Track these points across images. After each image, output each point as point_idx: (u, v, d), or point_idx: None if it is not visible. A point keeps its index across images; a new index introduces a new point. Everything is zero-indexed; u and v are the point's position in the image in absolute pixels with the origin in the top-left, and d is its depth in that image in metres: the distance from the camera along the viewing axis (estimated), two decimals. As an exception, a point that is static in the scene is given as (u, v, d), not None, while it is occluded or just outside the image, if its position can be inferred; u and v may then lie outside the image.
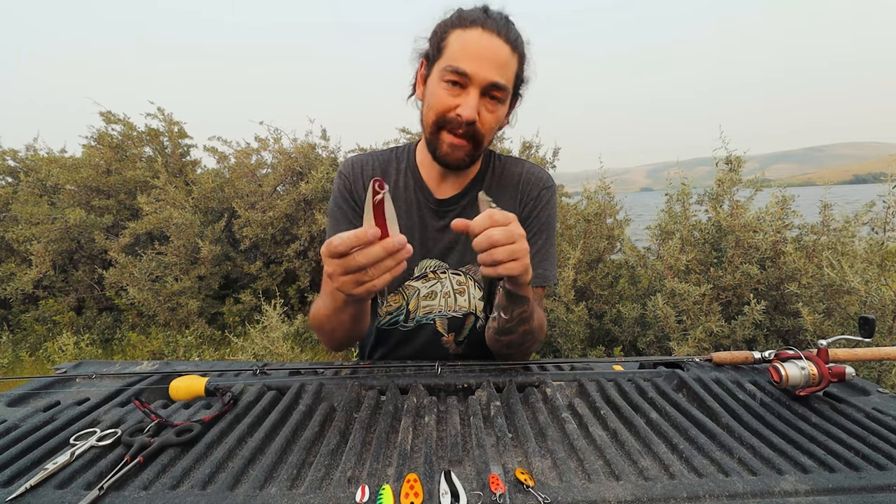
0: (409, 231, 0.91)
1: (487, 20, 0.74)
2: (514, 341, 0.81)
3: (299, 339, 3.44)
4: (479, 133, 0.78)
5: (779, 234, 2.29)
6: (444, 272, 0.93)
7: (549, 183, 0.93)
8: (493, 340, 0.85)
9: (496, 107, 0.77)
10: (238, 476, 0.53)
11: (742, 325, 2.14)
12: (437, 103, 0.77)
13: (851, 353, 0.74)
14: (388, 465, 0.56)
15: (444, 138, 0.79)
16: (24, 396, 0.75)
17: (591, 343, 2.80)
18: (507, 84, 0.75)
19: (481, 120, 0.76)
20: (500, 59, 0.73)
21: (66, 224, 3.59)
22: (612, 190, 3.08)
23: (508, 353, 0.86)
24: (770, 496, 0.49)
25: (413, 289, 0.93)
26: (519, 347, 0.84)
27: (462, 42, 0.74)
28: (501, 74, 0.74)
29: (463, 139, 0.78)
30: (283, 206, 3.86)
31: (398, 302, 0.95)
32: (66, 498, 0.48)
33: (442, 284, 0.93)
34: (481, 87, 0.74)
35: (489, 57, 0.73)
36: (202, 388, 0.75)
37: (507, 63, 0.75)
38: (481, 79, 0.73)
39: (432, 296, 0.94)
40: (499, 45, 0.73)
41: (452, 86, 0.75)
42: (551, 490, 0.49)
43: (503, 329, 0.79)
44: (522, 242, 0.60)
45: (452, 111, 0.75)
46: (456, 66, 0.73)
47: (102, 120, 4.22)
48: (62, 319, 3.71)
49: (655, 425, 0.64)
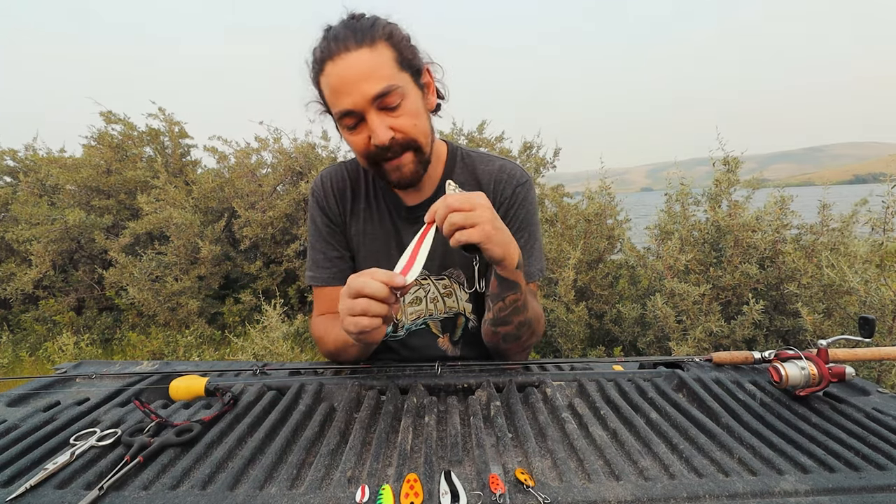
0: (385, 240, 0.92)
1: (330, 46, 0.70)
2: (510, 333, 0.81)
3: (299, 339, 3.44)
4: (406, 139, 0.75)
5: (778, 233, 2.29)
6: (426, 278, 0.93)
7: (523, 179, 0.90)
8: (489, 335, 0.84)
9: (401, 108, 0.73)
10: (238, 476, 0.53)
11: (742, 325, 2.14)
12: (356, 147, 0.76)
13: (851, 353, 0.74)
14: (388, 465, 0.56)
15: (386, 169, 0.78)
16: (24, 396, 0.75)
17: (591, 343, 2.80)
18: (390, 81, 0.70)
19: (397, 129, 0.74)
20: (365, 67, 0.69)
21: (65, 224, 3.59)
22: (612, 190, 3.08)
23: (506, 349, 0.85)
24: (770, 496, 0.49)
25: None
26: (515, 341, 0.83)
27: (328, 87, 0.72)
28: (379, 80, 0.70)
29: (400, 155, 0.76)
30: (283, 205, 3.86)
31: None
32: (66, 498, 0.48)
33: (426, 290, 0.94)
34: (373, 106, 0.71)
35: (354, 77, 0.69)
36: (202, 388, 0.75)
37: (376, 64, 0.70)
38: (363, 101, 0.70)
39: (417, 301, 0.95)
40: (355, 58, 0.69)
41: (354, 129, 0.74)
42: (551, 490, 0.49)
43: (498, 319, 0.79)
44: (483, 211, 0.61)
45: (370, 145, 0.74)
46: (339, 109, 0.72)
47: (102, 120, 4.22)
48: (62, 319, 3.71)
49: (655, 425, 0.64)
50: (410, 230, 0.90)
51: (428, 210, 0.61)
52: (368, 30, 0.71)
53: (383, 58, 0.71)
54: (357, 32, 0.70)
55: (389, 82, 0.70)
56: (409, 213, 0.90)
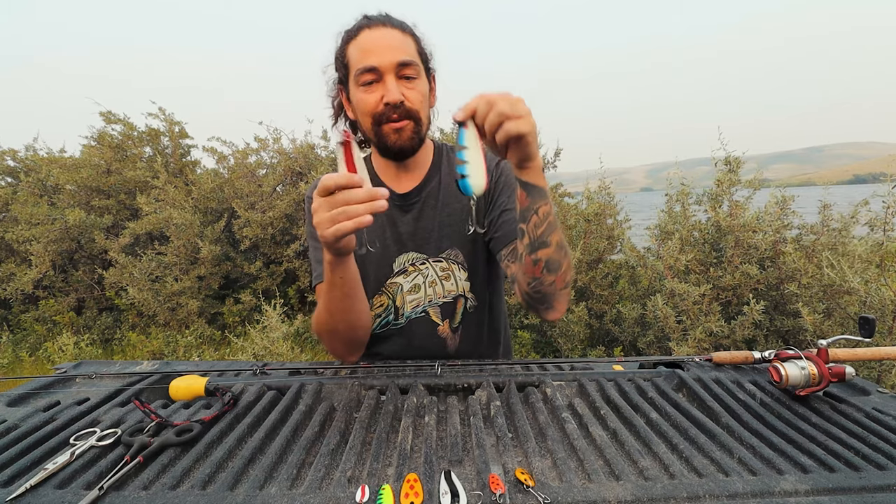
0: (381, 230, 0.94)
1: (371, 22, 0.82)
2: (552, 259, 0.73)
3: (299, 339, 3.44)
4: (412, 110, 0.83)
5: (778, 234, 2.29)
6: (424, 263, 0.95)
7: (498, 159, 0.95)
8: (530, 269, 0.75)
9: (415, 83, 0.82)
10: (238, 476, 0.53)
11: (742, 325, 2.14)
12: (365, 105, 0.82)
13: (851, 353, 0.74)
14: (388, 464, 0.56)
15: (385, 130, 0.84)
16: (24, 396, 0.75)
17: (591, 343, 2.80)
18: (414, 58, 0.82)
19: (407, 98, 0.81)
20: (396, 41, 0.81)
21: (65, 224, 3.59)
22: (612, 190, 3.08)
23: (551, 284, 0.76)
24: (770, 496, 0.49)
25: (396, 285, 0.96)
26: (558, 271, 0.75)
27: (358, 47, 0.81)
28: (404, 52, 0.80)
29: (402, 120, 0.83)
30: (283, 206, 3.86)
31: (384, 302, 0.96)
32: (66, 498, 0.48)
33: (424, 276, 0.95)
34: (393, 71, 0.80)
35: (385, 44, 0.79)
36: (202, 388, 0.75)
37: (404, 43, 0.82)
38: (388, 63, 0.79)
39: (416, 289, 0.96)
40: (389, 32, 0.81)
41: (369, 85, 0.81)
42: (551, 490, 0.49)
43: (536, 241, 0.72)
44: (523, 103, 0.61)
45: (380, 104, 0.81)
46: (363, 65, 0.80)
47: (102, 120, 4.23)
48: (62, 319, 3.71)
49: (655, 425, 0.64)
50: (403, 217, 0.94)
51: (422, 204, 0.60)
52: (402, 23, 0.84)
53: (410, 43, 0.83)
54: (393, 20, 0.84)
55: (413, 58, 0.82)
56: (402, 200, 0.94)
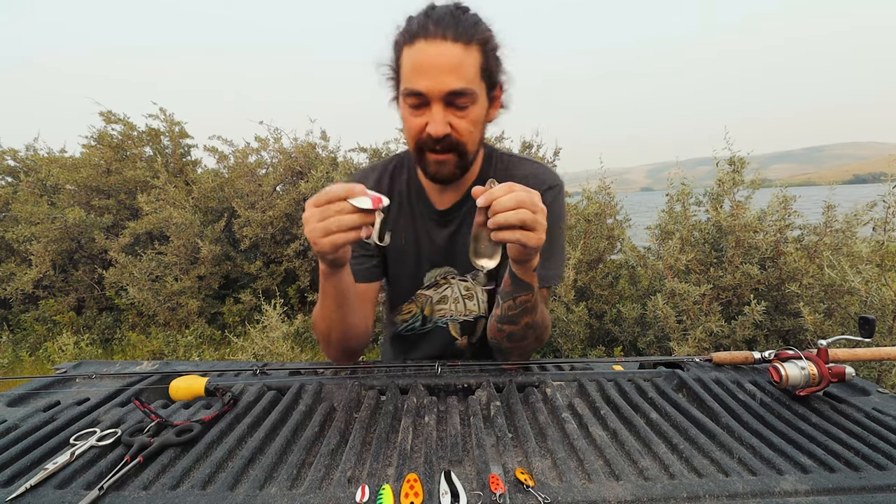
0: (416, 242, 0.93)
1: (429, 27, 0.70)
2: (515, 333, 0.80)
3: (299, 339, 3.44)
4: (458, 142, 0.76)
5: (780, 234, 2.29)
6: (454, 278, 0.95)
7: (554, 182, 0.89)
8: (494, 331, 0.83)
9: (465, 112, 0.74)
10: (238, 476, 0.53)
11: (742, 325, 2.14)
12: (409, 128, 0.77)
13: (851, 353, 0.74)
14: (388, 465, 0.56)
15: (428, 158, 0.79)
16: (24, 396, 0.75)
17: (591, 343, 2.80)
18: (468, 84, 0.72)
19: (455, 129, 0.75)
20: (452, 63, 0.70)
21: (65, 224, 3.59)
22: (612, 190, 3.08)
23: (508, 347, 0.84)
24: (770, 496, 0.49)
25: (426, 297, 0.96)
26: (520, 342, 0.82)
27: (410, 60, 0.72)
28: (458, 78, 0.71)
29: (444, 153, 0.77)
30: (283, 205, 3.86)
31: (412, 310, 0.98)
32: (66, 498, 0.48)
33: (451, 290, 0.95)
34: (442, 100, 0.72)
35: (438, 67, 0.70)
36: (202, 388, 0.75)
37: (461, 63, 0.71)
38: (438, 92, 0.71)
39: (443, 301, 0.96)
40: (446, 49, 0.70)
41: (416, 108, 0.74)
42: (551, 490, 0.49)
43: (506, 317, 0.78)
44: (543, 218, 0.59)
45: (423, 132, 0.75)
46: (411, 87, 0.72)
47: (102, 120, 4.22)
48: (62, 319, 3.71)
49: (655, 425, 0.64)
50: (440, 233, 0.92)
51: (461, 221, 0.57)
52: (469, 28, 0.71)
53: (471, 60, 0.72)
54: (459, 26, 0.70)
55: (468, 86, 0.72)
56: (440, 217, 0.91)
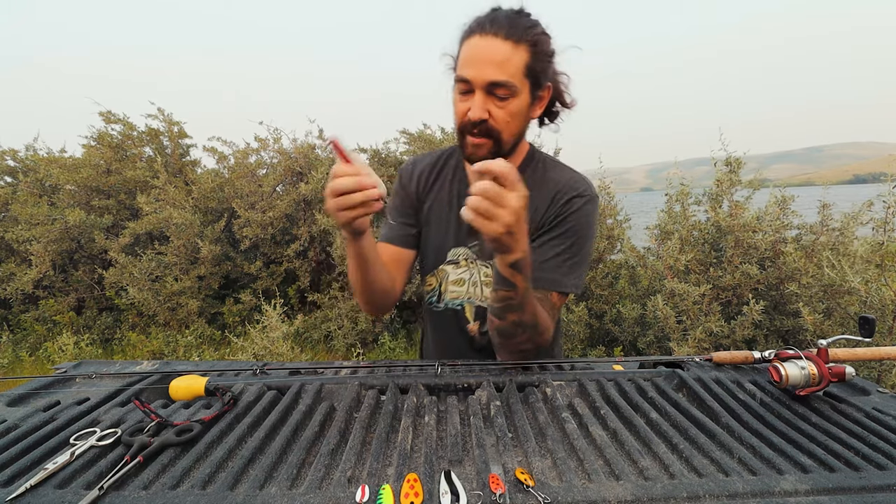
0: (448, 220, 0.99)
1: (486, 24, 0.78)
2: (503, 329, 0.80)
3: (299, 339, 3.44)
4: (494, 129, 0.83)
5: (778, 234, 2.29)
6: (475, 261, 0.99)
7: (585, 192, 0.91)
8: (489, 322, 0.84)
9: (505, 103, 0.81)
10: (238, 476, 0.53)
11: (742, 324, 2.14)
12: (455, 112, 0.85)
13: (851, 353, 0.74)
14: (388, 464, 0.56)
15: (467, 141, 0.85)
16: (24, 396, 0.75)
17: (592, 343, 2.80)
18: (510, 78, 0.78)
19: (493, 117, 0.81)
20: (497, 58, 0.77)
21: (65, 224, 3.59)
22: (612, 190, 3.08)
23: (499, 343, 0.84)
24: (770, 496, 0.49)
25: (444, 272, 1.01)
26: (509, 339, 0.82)
27: (464, 52, 0.81)
28: (501, 72, 0.78)
29: (481, 138, 0.84)
30: (283, 206, 3.86)
31: (432, 284, 1.03)
32: (66, 498, 0.48)
33: (471, 273, 0.99)
34: (483, 88, 0.79)
35: (485, 59, 0.78)
36: (202, 387, 0.75)
37: (507, 59, 0.78)
38: (480, 81, 0.79)
39: (460, 283, 1.00)
40: (496, 45, 0.77)
41: (463, 94, 0.82)
42: (551, 490, 0.49)
43: (491, 308, 0.80)
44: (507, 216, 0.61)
45: (465, 116, 0.82)
46: (459, 75, 0.81)
47: (102, 120, 4.23)
48: (62, 319, 3.71)
49: (655, 425, 0.64)
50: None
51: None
52: (522, 29, 0.79)
53: (517, 58, 0.79)
54: (511, 26, 0.78)
55: (508, 79, 0.78)
56: None
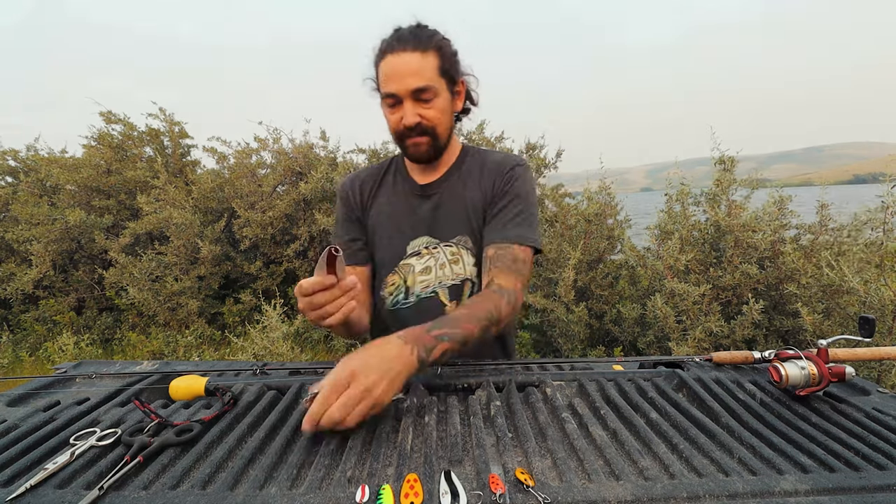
0: (398, 217, 1.05)
1: (393, 43, 0.89)
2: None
3: (299, 339, 3.44)
4: (429, 127, 0.93)
5: (777, 234, 2.29)
6: (436, 247, 1.03)
7: (521, 162, 1.04)
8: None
9: (431, 104, 0.91)
10: (238, 476, 0.53)
11: (741, 324, 2.14)
12: (390, 125, 0.96)
13: (851, 353, 0.74)
14: (388, 464, 0.56)
15: (408, 143, 0.95)
16: (24, 396, 0.75)
17: (592, 343, 2.80)
18: (429, 82, 0.89)
19: (424, 117, 0.91)
20: (412, 67, 0.88)
21: (66, 224, 3.59)
22: (612, 190, 3.08)
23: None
24: (770, 496, 0.49)
25: (408, 266, 1.03)
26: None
27: (383, 72, 0.91)
28: (419, 78, 0.88)
29: (420, 136, 0.94)
30: (283, 206, 3.86)
31: (396, 281, 1.04)
32: (66, 498, 0.48)
33: (436, 259, 1.03)
34: (410, 96, 0.89)
35: (403, 72, 0.88)
36: (202, 388, 0.75)
37: (421, 66, 0.88)
38: (405, 91, 0.89)
39: (427, 271, 1.03)
40: (408, 58, 0.88)
41: (392, 107, 0.92)
42: (551, 490, 0.49)
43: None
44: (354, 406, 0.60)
45: (400, 124, 0.92)
46: (385, 91, 0.91)
47: (103, 120, 4.23)
48: (62, 319, 3.71)
49: (655, 425, 0.64)
50: (422, 204, 1.04)
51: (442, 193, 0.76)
52: (426, 39, 0.90)
53: (429, 63, 0.89)
54: (417, 39, 0.89)
55: (428, 83, 0.89)
56: (422, 191, 1.04)
